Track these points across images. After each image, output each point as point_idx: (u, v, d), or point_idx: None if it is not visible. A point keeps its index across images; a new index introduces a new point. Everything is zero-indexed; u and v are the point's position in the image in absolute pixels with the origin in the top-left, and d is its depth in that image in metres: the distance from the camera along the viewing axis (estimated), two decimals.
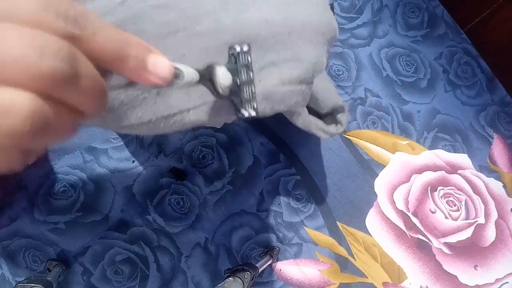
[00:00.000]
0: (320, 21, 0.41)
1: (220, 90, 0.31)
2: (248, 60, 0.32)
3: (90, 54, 0.17)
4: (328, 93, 0.75)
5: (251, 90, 0.33)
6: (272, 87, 0.38)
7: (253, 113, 0.34)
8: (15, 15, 0.15)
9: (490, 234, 1.10)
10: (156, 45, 0.37)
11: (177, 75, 0.25)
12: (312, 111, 0.78)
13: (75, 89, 0.16)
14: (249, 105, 0.33)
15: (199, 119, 0.38)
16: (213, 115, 0.38)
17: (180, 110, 0.37)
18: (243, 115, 0.33)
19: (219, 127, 1.01)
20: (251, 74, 0.32)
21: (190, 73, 0.27)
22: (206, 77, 0.30)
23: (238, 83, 0.32)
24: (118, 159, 1.00)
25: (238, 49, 0.32)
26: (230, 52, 0.32)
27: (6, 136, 0.14)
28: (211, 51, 0.37)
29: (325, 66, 0.42)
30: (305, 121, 0.72)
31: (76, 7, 0.17)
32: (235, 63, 0.32)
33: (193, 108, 0.37)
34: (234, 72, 0.32)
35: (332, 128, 0.76)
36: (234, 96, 0.33)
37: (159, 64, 0.21)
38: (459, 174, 1.14)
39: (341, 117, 0.77)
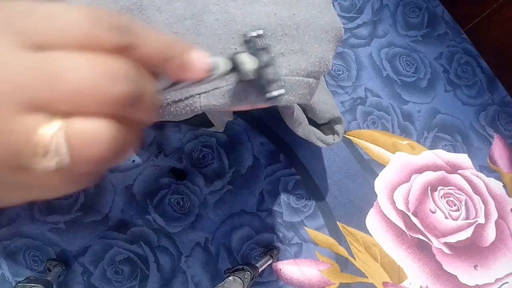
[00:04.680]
0: (323, 19, 0.42)
1: (250, 75, 0.32)
2: (265, 43, 0.33)
3: (143, 59, 0.17)
4: (325, 105, 0.82)
5: (274, 70, 0.34)
6: (282, 76, 0.39)
7: (282, 91, 0.35)
8: (69, 37, 0.15)
9: (490, 234, 1.10)
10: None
11: (214, 66, 0.26)
12: (311, 121, 0.84)
13: (142, 105, 0.16)
14: (276, 85, 0.35)
15: (210, 104, 0.38)
16: (225, 100, 0.39)
17: (191, 95, 0.38)
18: (272, 95, 0.35)
19: (221, 131, 1.01)
20: (271, 55, 0.34)
21: (224, 62, 0.28)
22: (234, 66, 0.31)
23: (261, 66, 0.33)
24: None
25: (254, 33, 0.33)
26: (245, 39, 0.33)
27: (89, 164, 0.15)
28: (222, 38, 0.38)
29: (331, 65, 0.43)
30: (305, 130, 0.79)
31: (121, 15, 0.17)
32: (253, 48, 0.33)
33: (204, 93, 0.38)
34: (255, 56, 0.33)
35: (330, 139, 0.84)
36: (261, 80, 0.34)
37: (201, 59, 0.21)
38: (459, 174, 1.14)
39: (338, 128, 0.84)
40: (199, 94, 0.38)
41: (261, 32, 0.33)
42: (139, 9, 0.36)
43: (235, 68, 0.32)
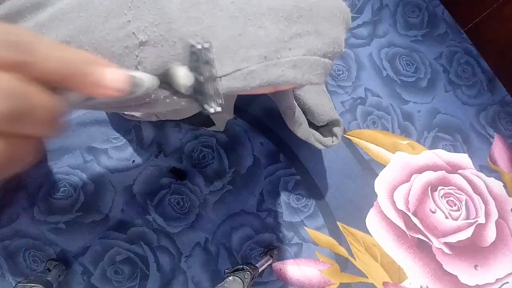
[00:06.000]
0: (331, 3, 0.44)
1: (183, 90, 0.32)
2: (209, 57, 0.33)
3: (43, 77, 0.17)
4: (324, 107, 0.85)
5: (215, 86, 0.34)
6: (301, 56, 0.40)
7: (219, 109, 0.35)
8: None
9: (491, 234, 1.10)
10: (179, 18, 0.37)
11: (136, 84, 0.26)
12: (311, 123, 0.86)
13: (32, 120, 0.16)
14: (215, 102, 0.34)
15: (233, 86, 0.38)
16: (247, 82, 0.38)
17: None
18: (208, 111, 0.35)
19: (222, 130, 1.01)
20: (213, 70, 0.33)
21: (149, 79, 0.28)
22: (166, 80, 0.31)
23: (202, 81, 0.33)
24: (118, 159, 1.00)
25: (199, 46, 0.32)
26: (192, 50, 0.33)
27: None
28: (239, 20, 0.38)
29: (343, 46, 0.44)
30: (305, 131, 0.81)
31: (24, 34, 0.17)
32: (197, 61, 0.33)
33: (225, 76, 0.38)
34: (197, 70, 0.33)
35: (328, 141, 0.87)
36: (198, 94, 0.34)
37: (114, 78, 0.21)
38: (460, 174, 1.14)
39: (336, 130, 0.87)
40: (220, 77, 0.37)
41: (207, 45, 0.32)
42: None
43: (169, 79, 0.31)
